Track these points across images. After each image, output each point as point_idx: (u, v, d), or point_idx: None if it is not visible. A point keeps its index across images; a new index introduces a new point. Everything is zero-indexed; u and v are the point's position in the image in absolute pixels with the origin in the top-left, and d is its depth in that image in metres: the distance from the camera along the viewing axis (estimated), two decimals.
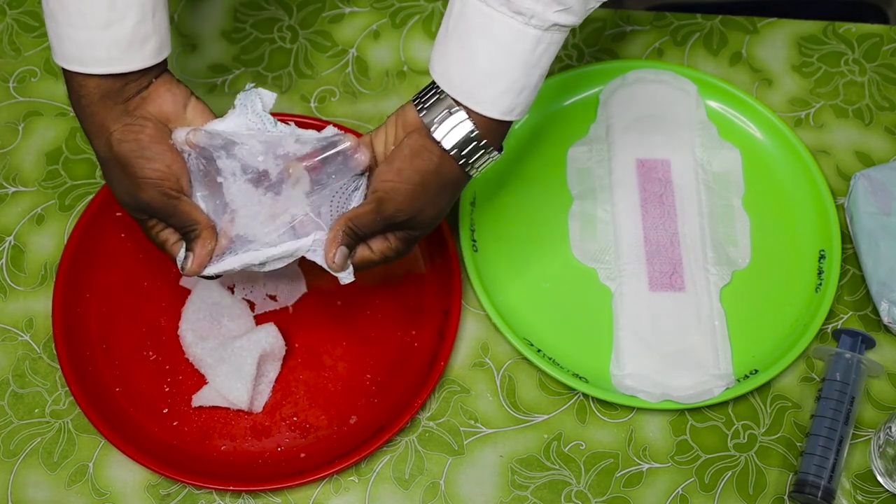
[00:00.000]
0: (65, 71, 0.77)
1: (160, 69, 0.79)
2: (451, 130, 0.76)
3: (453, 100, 0.76)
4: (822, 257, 0.95)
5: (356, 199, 0.80)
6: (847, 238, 0.98)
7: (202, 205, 0.79)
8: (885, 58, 1.07)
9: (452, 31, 0.75)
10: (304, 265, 0.94)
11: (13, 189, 0.99)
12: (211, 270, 0.79)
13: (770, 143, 1.01)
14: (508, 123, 0.78)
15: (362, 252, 0.80)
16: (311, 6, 1.09)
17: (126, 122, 0.77)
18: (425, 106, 0.77)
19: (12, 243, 0.97)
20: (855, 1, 1.29)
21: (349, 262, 0.79)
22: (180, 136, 0.79)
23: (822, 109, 1.04)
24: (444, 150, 0.76)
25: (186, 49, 1.06)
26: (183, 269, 0.79)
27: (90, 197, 0.98)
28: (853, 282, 0.96)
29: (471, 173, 0.79)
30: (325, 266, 0.79)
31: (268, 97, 0.81)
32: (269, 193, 0.79)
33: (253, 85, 0.81)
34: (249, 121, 0.80)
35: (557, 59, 1.06)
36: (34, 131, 1.02)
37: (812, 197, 0.98)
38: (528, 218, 0.98)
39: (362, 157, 0.78)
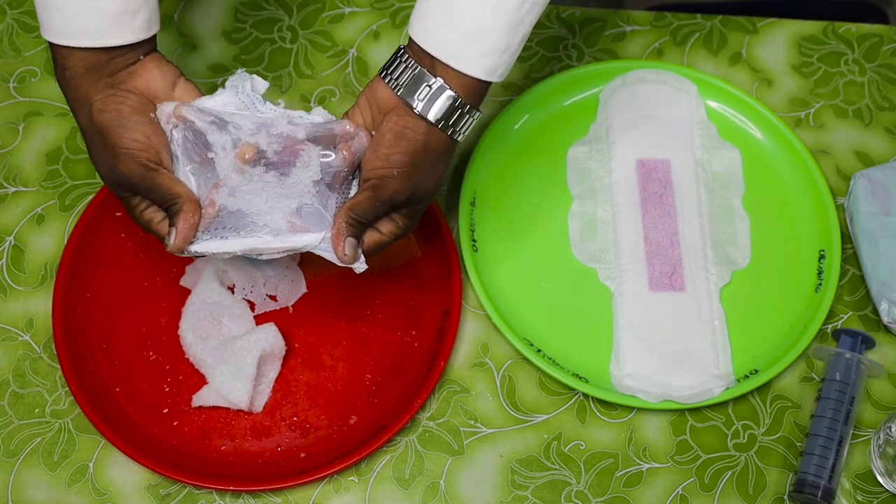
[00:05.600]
0: (51, 45, 0.77)
1: (149, 47, 0.79)
2: (434, 103, 0.75)
3: (430, 64, 0.75)
4: (822, 257, 0.95)
5: (354, 188, 0.79)
6: (847, 238, 0.98)
7: (192, 178, 0.78)
8: (884, 58, 1.07)
9: None
10: (305, 265, 0.94)
11: (13, 189, 0.99)
12: (201, 248, 0.77)
13: (770, 143, 1.01)
14: (489, 84, 0.77)
15: (371, 236, 0.79)
16: (311, 6, 1.09)
17: (109, 93, 0.77)
18: (399, 82, 0.76)
19: (12, 243, 0.97)
20: (855, 1, 1.29)
21: (359, 250, 0.78)
22: (167, 109, 0.78)
23: (822, 109, 1.04)
24: (429, 124, 0.76)
25: (186, 49, 1.06)
26: (167, 245, 0.77)
27: (90, 197, 0.98)
28: (853, 282, 0.96)
29: (457, 138, 0.78)
30: (335, 261, 0.78)
31: (259, 83, 0.80)
32: (273, 172, 0.78)
33: (243, 70, 0.81)
34: (239, 100, 0.79)
35: (557, 59, 1.06)
36: (34, 131, 1.02)
37: (812, 197, 0.98)
38: (528, 218, 0.98)
39: (366, 141, 0.78)
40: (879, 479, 0.88)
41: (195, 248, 0.77)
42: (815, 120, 1.04)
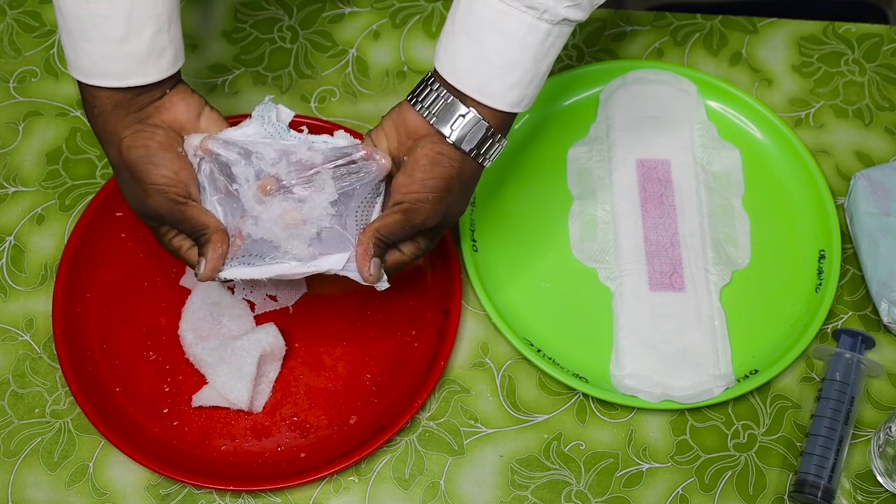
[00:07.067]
0: (78, 82, 0.78)
1: (175, 80, 0.80)
2: (468, 133, 0.77)
3: (458, 95, 0.76)
4: (822, 257, 0.95)
5: (377, 207, 0.81)
6: (847, 238, 0.98)
7: (218, 209, 0.80)
8: (884, 58, 1.07)
9: (460, 26, 0.76)
10: None
11: (13, 189, 0.99)
12: (230, 275, 0.80)
13: (770, 143, 1.01)
14: (515, 114, 0.79)
15: (394, 256, 0.81)
16: (311, 6, 1.09)
17: (137, 128, 0.78)
18: (431, 111, 0.77)
19: (12, 243, 0.97)
20: (855, 1, 1.29)
21: (382, 270, 0.80)
22: (194, 142, 0.79)
23: (822, 109, 1.04)
24: (463, 153, 0.77)
25: (186, 49, 1.05)
26: (196, 274, 0.79)
27: (90, 197, 0.98)
28: (853, 282, 0.96)
29: (485, 165, 0.80)
30: (360, 280, 0.80)
31: (284, 113, 0.82)
32: (291, 200, 0.79)
33: (272, 98, 0.82)
34: (264, 129, 0.81)
35: (557, 59, 1.05)
36: (34, 131, 1.02)
37: (812, 197, 0.98)
38: (528, 218, 0.98)
39: (385, 162, 0.79)
40: (879, 479, 0.88)
41: (224, 274, 0.80)
42: (815, 120, 1.04)
